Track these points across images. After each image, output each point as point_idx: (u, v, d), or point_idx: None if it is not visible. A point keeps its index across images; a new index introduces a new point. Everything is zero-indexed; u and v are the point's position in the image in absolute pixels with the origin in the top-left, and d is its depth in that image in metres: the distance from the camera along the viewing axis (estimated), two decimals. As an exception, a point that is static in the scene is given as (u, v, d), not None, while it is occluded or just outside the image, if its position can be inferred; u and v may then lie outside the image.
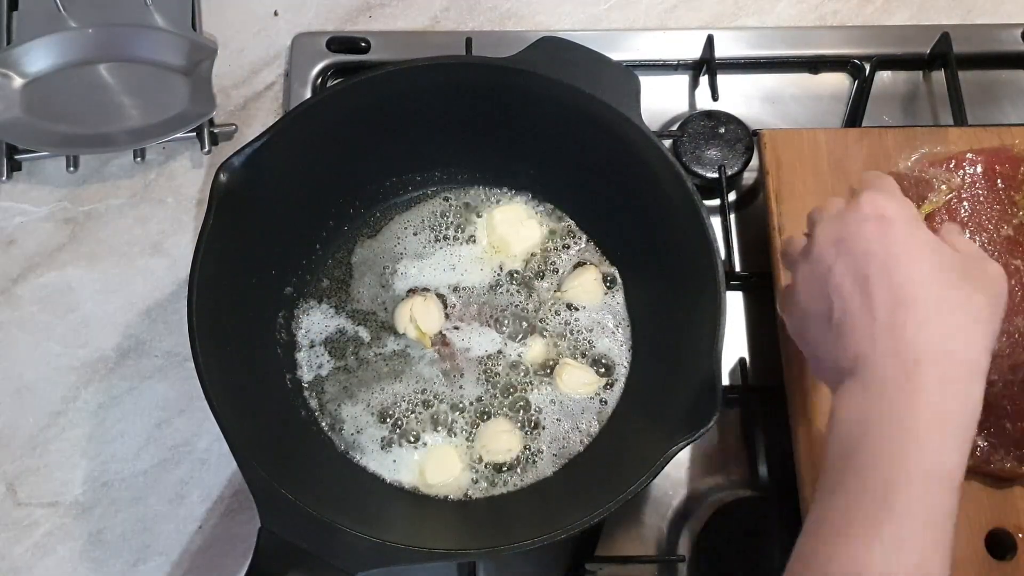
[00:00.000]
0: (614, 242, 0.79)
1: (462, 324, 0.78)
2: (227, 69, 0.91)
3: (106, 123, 0.85)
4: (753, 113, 0.88)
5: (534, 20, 0.94)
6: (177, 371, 0.79)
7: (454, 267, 0.80)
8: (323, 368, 0.76)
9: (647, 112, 0.72)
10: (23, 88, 0.85)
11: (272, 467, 0.62)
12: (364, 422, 0.74)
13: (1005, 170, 0.73)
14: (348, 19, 0.93)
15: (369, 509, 0.69)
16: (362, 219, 0.81)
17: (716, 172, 0.84)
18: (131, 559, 0.74)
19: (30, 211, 0.85)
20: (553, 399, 0.75)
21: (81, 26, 0.87)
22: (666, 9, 0.95)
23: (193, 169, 0.87)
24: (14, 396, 0.79)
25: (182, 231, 0.85)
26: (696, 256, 0.68)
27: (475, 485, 0.73)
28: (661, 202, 0.71)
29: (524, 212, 0.81)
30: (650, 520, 0.75)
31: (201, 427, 0.78)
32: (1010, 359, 0.69)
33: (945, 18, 0.94)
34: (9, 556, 0.74)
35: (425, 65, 0.73)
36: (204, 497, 0.76)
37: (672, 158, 0.70)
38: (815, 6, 0.95)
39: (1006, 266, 0.70)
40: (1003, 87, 0.91)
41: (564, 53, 0.73)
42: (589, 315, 0.78)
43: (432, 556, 0.61)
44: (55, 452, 0.77)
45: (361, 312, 0.78)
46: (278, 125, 0.70)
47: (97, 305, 0.82)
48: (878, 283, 0.52)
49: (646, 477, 0.61)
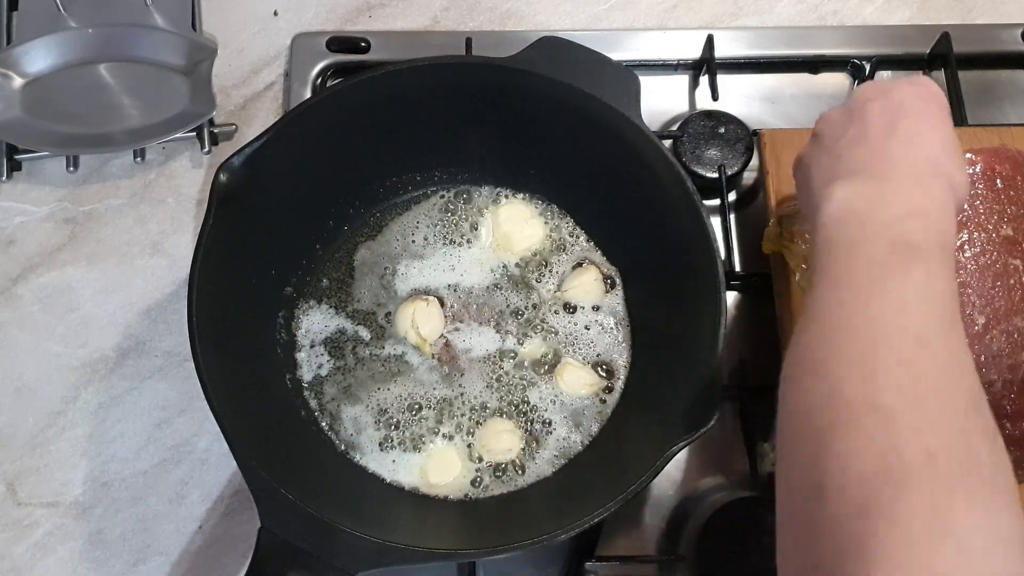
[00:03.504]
0: (614, 242, 0.79)
1: (462, 324, 0.78)
2: (227, 69, 0.91)
3: (106, 123, 0.85)
4: (753, 113, 0.88)
5: (534, 20, 0.94)
6: (177, 371, 0.79)
7: (454, 267, 0.80)
8: (323, 368, 0.76)
9: (647, 112, 0.72)
10: (23, 88, 0.85)
11: (272, 467, 0.62)
12: (364, 422, 0.74)
13: (1005, 170, 0.73)
14: (348, 19, 0.93)
15: (369, 509, 0.69)
16: (362, 219, 0.81)
17: (716, 172, 0.84)
18: (131, 559, 0.74)
19: (30, 211, 0.85)
20: (553, 399, 0.75)
21: (81, 26, 0.87)
22: (666, 9, 0.95)
23: (193, 169, 0.87)
24: (14, 396, 0.79)
25: (182, 231, 0.85)
26: (696, 256, 0.68)
27: (475, 485, 0.73)
28: (661, 202, 0.71)
29: (528, 211, 0.81)
30: (650, 520, 0.75)
31: (201, 427, 0.78)
32: (1010, 359, 0.69)
33: (945, 18, 0.94)
34: (9, 556, 0.74)
35: (425, 65, 0.73)
36: (204, 497, 0.76)
37: (672, 158, 0.70)
38: (815, 6, 0.95)
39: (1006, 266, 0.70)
40: (1003, 87, 0.91)
41: (564, 53, 0.73)
42: (589, 315, 0.78)
43: (432, 556, 0.61)
44: (55, 452, 0.77)
45: (361, 312, 0.78)
46: (278, 125, 0.70)
47: (97, 305, 0.82)
48: (903, 122, 0.57)
49: (646, 477, 0.61)
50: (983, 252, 0.71)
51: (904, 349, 0.47)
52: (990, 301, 0.70)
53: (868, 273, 0.51)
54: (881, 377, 0.47)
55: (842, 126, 0.60)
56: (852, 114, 0.60)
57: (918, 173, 0.55)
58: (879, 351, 0.48)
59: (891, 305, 0.49)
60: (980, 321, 0.70)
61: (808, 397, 0.49)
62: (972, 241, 0.71)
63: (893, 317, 0.49)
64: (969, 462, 0.44)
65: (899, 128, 0.57)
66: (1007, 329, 0.69)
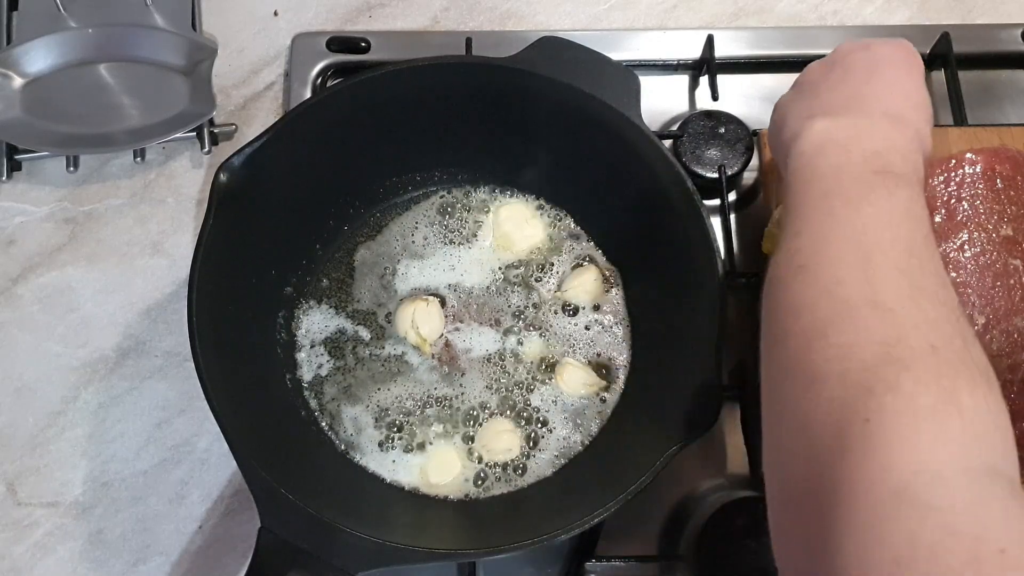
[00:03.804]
0: (614, 242, 0.79)
1: (462, 324, 0.78)
2: (227, 69, 0.91)
3: (106, 123, 0.85)
4: (753, 113, 0.88)
5: (534, 20, 0.94)
6: (177, 371, 0.79)
7: (454, 267, 0.80)
8: (323, 368, 0.76)
9: (647, 112, 0.72)
10: (23, 88, 0.85)
11: (272, 467, 0.62)
12: (364, 422, 0.74)
13: (1005, 170, 0.73)
14: (348, 19, 0.93)
15: (369, 509, 0.69)
16: (362, 219, 0.81)
17: (716, 172, 0.84)
18: (131, 559, 0.74)
19: (30, 211, 0.85)
20: (553, 399, 0.75)
21: (81, 26, 0.87)
22: (666, 9, 0.95)
23: (193, 169, 0.87)
24: (14, 396, 0.79)
25: (182, 231, 0.85)
26: (696, 256, 0.68)
27: (475, 485, 0.73)
28: (661, 202, 0.71)
29: (529, 211, 0.81)
30: (650, 520, 0.75)
31: (201, 427, 0.78)
32: (1010, 359, 0.69)
33: (945, 18, 0.94)
34: (9, 556, 0.74)
35: (425, 65, 0.73)
36: (204, 497, 0.76)
37: (672, 158, 0.70)
38: (815, 6, 0.95)
39: (1006, 266, 0.71)
40: (1003, 87, 0.91)
41: (564, 53, 0.73)
42: (589, 315, 0.78)
43: (432, 556, 0.61)
44: (55, 452, 0.77)
45: (361, 312, 0.78)
46: (278, 125, 0.70)
47: (97, 305, 0.82)
48: (883, 71, 0.61)
49: (646, 477, 0.61)
50: (983, 252, 0.71)
51: (898, 258, 0.49)
52: (990, 301, 0.70)
53: (857, 188, 0.53)
54: (879, 279, 0.48)
55: (823, 74, 0.63)
56: (834, 63, 0.63)
57: (894, 116, 0.58)
58: (874, 256, 0.49)
59: (882, 218, 0.51)
60: (980, 321, 0.70)
61: (800, 297, 0.50)
62: (972, 241, 0.72)
63: (885, 228, 0.50)
64: (968, 359, 0.45)
65: (878, 75, 0.61)
66: (1007, 329, 0.69)
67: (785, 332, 0.50)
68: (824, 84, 0.62)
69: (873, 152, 0.55)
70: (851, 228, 0.51)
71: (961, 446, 0.41)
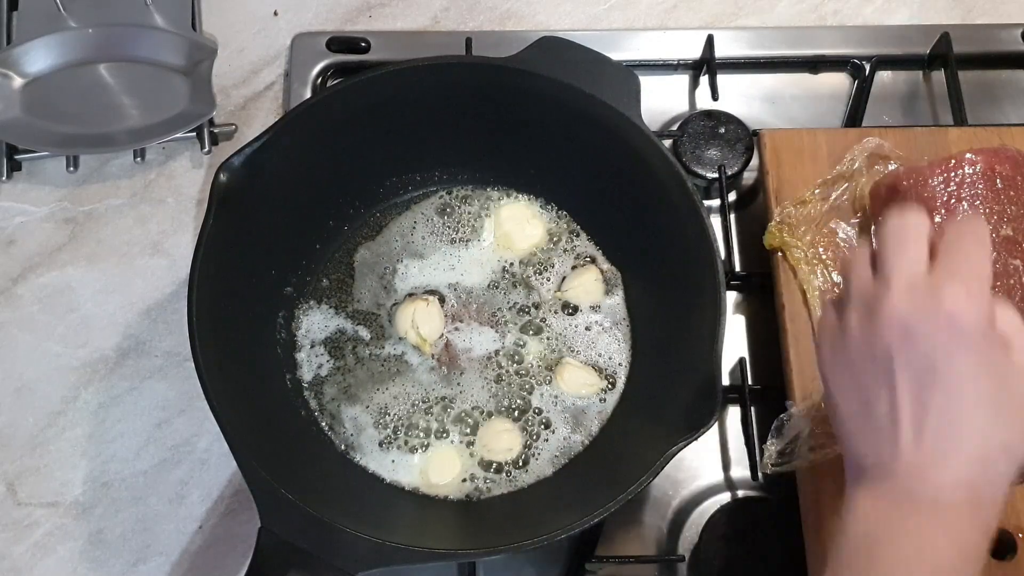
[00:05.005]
0: (614, 242, 0.79)
1: (462, 324, 0.78)
2: (227, 69, 0.91)
3: (106, 123, 0.85)
4: (753, 113, 0.88)
5: (534, 20, 0.94)
6: (177, 371, 0.79)
7: (454, 267, 0.80)
8: (323, 368, 0.76)
9: (647, 112, 0.72)
10: (23, 88, 0.85)
11: (272, 467, 0.62)
12: (364, 422, 0.74)
13: (1005, 170, 0.73)
14: (348, 19, 0.93)
15: (369, 509, 0.69)
16: (362, 219, 0.81)
17: (716, 172, 0.84)
18: (131, 559, 0.74)
19: (30, 211, 0.85)
20: (554, 399, 0.75)
21: (81, 26, 0.87)
22: (666, 9, 0.95)
23: (193, 169, 0.87)
24: (14, 396, 0.79)
25: (182, 231, 0.85)
26: (696, 256, 0.68)
27: (475, 485, 0.73)
28: (661, 202, 0.71)
29: (528, 210, 0.81)
30: (650, 520, 0.75)
31: (201, 427, 0.78)
32: (1010, 359, 0.69)
33: (945, 18, 0.94)
34: (9, 556, 0.74)
35: (425, 65, 0.73)
36: (204, 497, 0.76)
37: (672, 158, 0.70)
38: (815, 6, 0.95)
39: (1006, 266, 0.70)
40: (1003, 87, 0.91)
41: (564, 53, 0.73)
42: (589, 315, 0.78)
43: (432, 556, 0.61)
44: (55, 452, 0.77)
45: (361, 312, 0.78)
46: (278, 125, 0.70)
47: (97, 305, 0.82)
48: (935, 398, 0.49)
49: (646, 477, 0.61)
50: (983, 252, 0.71)
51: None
52: (990, 301, 0.70)
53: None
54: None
55: (871, 357, 0.51)
56: (874, 348, 0.50)
57: (950, 497, 0.48)
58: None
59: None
60: (980, 321, 0.70)
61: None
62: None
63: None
64: None
65: (931, 408, 0.49)
66: (1007, 329, 0.69)
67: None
68: (870, 395, 0.50)
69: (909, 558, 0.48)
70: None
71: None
